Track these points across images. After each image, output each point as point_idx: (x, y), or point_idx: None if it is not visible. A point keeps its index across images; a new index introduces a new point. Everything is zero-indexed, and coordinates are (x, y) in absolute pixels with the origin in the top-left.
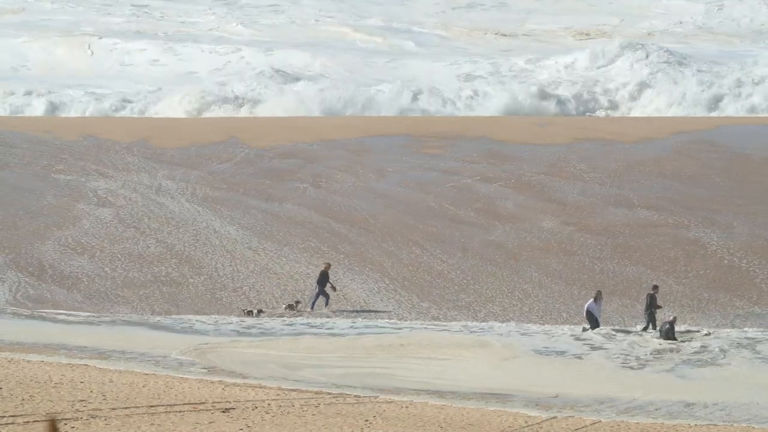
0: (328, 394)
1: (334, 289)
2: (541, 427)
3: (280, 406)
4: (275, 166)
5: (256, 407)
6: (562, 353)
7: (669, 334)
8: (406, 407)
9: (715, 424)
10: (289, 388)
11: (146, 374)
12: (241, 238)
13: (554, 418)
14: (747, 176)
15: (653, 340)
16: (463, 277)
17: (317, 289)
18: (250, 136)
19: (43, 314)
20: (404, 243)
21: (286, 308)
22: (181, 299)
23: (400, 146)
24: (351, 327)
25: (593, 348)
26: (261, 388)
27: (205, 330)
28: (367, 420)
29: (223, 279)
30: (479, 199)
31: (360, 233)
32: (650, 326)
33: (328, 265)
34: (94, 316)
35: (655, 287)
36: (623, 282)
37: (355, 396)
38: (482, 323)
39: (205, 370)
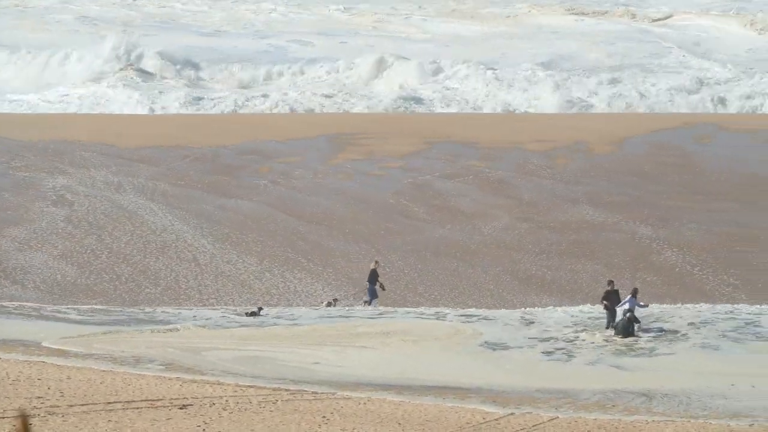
0: (286, 390)
1: (383, 287)
2: (498, 424)
3: (238, 402)
4: (233, 163)
5: (214, 404)
6: (506, 347)
7: (627, 329)
8: (364, 404)
9: (672, 420)
10: (247, 384)
11: (104, 371)
12: (197, 236)
13: (512, 414)
14: (703, 174)
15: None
16: (419, 274)
17: (368, 287)
18: (207, 133)
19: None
20: (361, 239)
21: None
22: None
23: (358, 143)
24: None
25: (540, 341)
26: (219, 384)
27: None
28: (324, 416)
29: (180, 278)
30: (437, 196)
31: (318, 230)
32: (612, 322)
33: (377, 263)
34: None
35: (611, 282)
36: (580, 278)
37: (313, 393)
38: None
39: (163, 367)
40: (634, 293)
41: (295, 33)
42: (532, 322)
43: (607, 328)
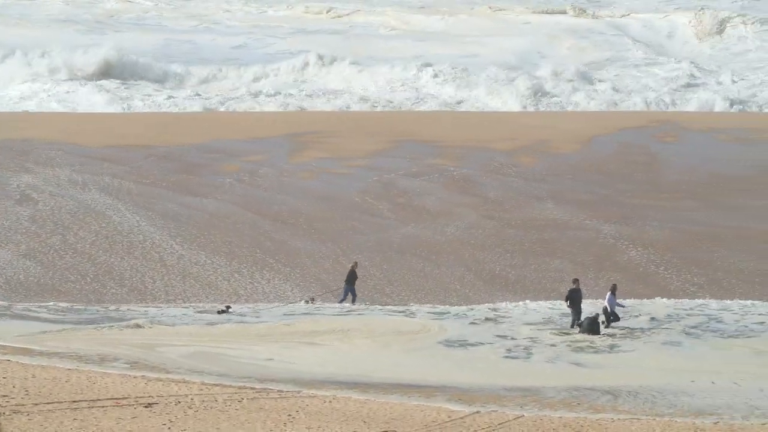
0: (251, 388)
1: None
2: (464, 422)
3: (203, 401)
4: (198, 162)
5: (179, 402)
6: (466, 344)
7: (592, 328)
8: (329, 402)
9: (638, 418)
10: (212, 383)
11: (69, 369)
12: (161, 233)
13: (477, 412)
14: (667, 173)
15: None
16: (384, 271)
17: (345, 287)
18: (173, 131)
19: None
20: (327, 237)
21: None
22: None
23: (324, 142)
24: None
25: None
26: (184, 383)
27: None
28: (290, 415)
29: (147, 278)
30: (403, 194)
31: (284, 228)
32: (577, 320)
33: (356, 264)
34: None
35: (576, 281)
36: (545, 277)
37: (278, 391)
38: (397, 313)
39: (128, 365)
40: (613, 290)
41: (259, 30)
42: (499, 319)
43: (572, 326)
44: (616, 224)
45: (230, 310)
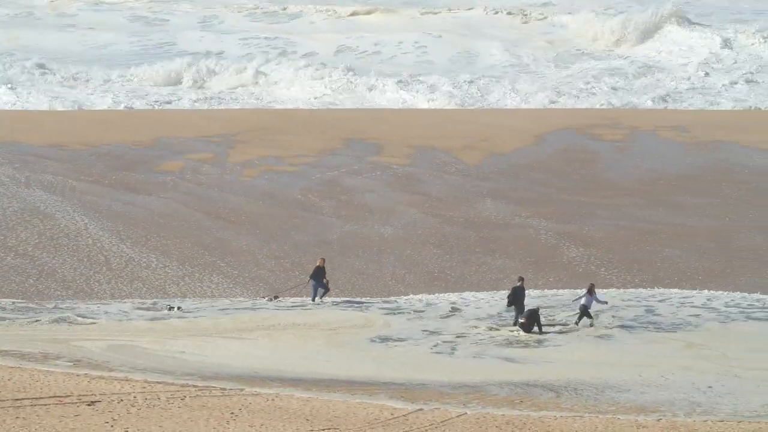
0: (194, 386)
1: (327, 289)
2: (407, 420)
3: (146, 398)
4: (141, 159)
5: (122, 400)
6: (393, 340)
7: (531, 319)
8: (272, 400)
9: (581, 415)
10: (155, 380)
11: (11, 367)
12: (106, 234)
13: (420, 410)
14: (610, 170)
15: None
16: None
17: (313, 283)
18: (115, 128)
19: None
20: (269, 235)
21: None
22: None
23: (268, 140)
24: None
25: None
26: (127, 381)
27: None
28: (233, 413)
29: (92, 276)
30: (345, 192)
31: (226, 226)
32: (519, 318)
33: (323, 260)
34: None
35: (521, 279)
36: (488, 274)
37: (221, 389)
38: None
39: (71, 363)
40: (591, 289)
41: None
42: (456, 311)
43: (514, 324)
44: (558, 222)
45: (178, 308)
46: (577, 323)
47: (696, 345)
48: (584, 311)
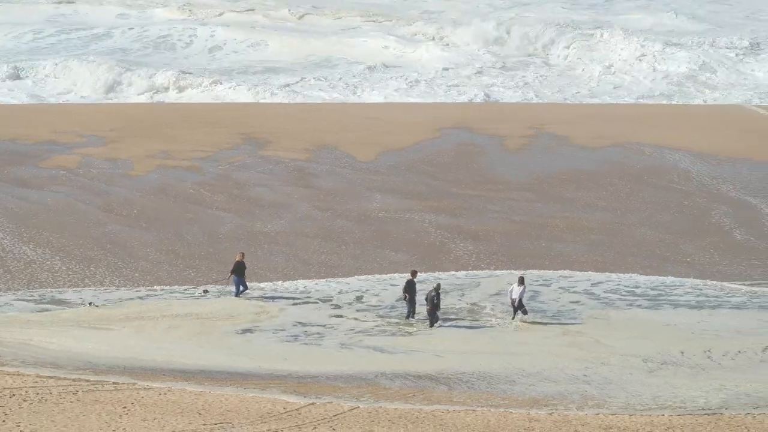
0: (86, 381)
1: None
2: (299, 413)
3: (38, 393)
4: (31, 153)
5: (14, 395)
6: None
7: (434, 302)
8: (165, 394)
9: (473, 409)
10: (48, 375)
11: None
12: None
13: (312, 404)
14: (502, 165)
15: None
16: (216, 263)
17: (233, 279)
18: (5, 122)
19: None
20: (161, 229)
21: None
22: None
23: (162, 133)
24: None
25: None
26: (18, 375)
27: None
28: (125, 407)
29: None
30: (237, 186)
31: (117, 220)
32: (412, 312)
33: (243, 255)
34: None
35: (414, 273)
36: (382, 267)
37: (114, 383)
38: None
39: None
40: (521, 281)
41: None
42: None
43: (407, 317)
44: (450, 216)
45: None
46: (513, 318)
47: (572, 332)
48: (519, 304)
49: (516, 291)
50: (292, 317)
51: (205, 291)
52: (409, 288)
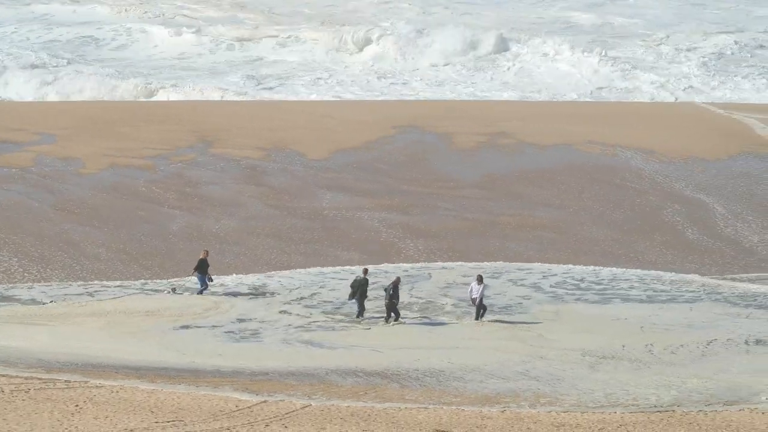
0: (38, 379)
1: (210, 279)
2: (251, 411)
3: None
4: None
5: None
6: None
7: (393, 294)
8: (117, 391)
9: (425, 407)
10: None
11: None
12: None
13: (265, 402)
14: (454, 163)
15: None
16: (167, 261)
17: (198, 276)
18: None
19: None
20: (113, 226)
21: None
22: None
23: (115, 131)
24: None
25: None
26: None
27: None
28: (77, 405)
29: None
30: (189, 184)
31: (69, 218)
32: (363, 311)
33: (207, 252)
34: None
35: (365, 271)
36: (331, 265)
37: (66, 381)
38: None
39: None
40: (480, 279)
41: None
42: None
43: (357, 317)
44: (401, 214)
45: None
46: (477, 318)
47: (516, 326)
48: (480, 303)
49: (476, 290)
50: (238, 313)
51: (173, 289)
52: (359, 285)
